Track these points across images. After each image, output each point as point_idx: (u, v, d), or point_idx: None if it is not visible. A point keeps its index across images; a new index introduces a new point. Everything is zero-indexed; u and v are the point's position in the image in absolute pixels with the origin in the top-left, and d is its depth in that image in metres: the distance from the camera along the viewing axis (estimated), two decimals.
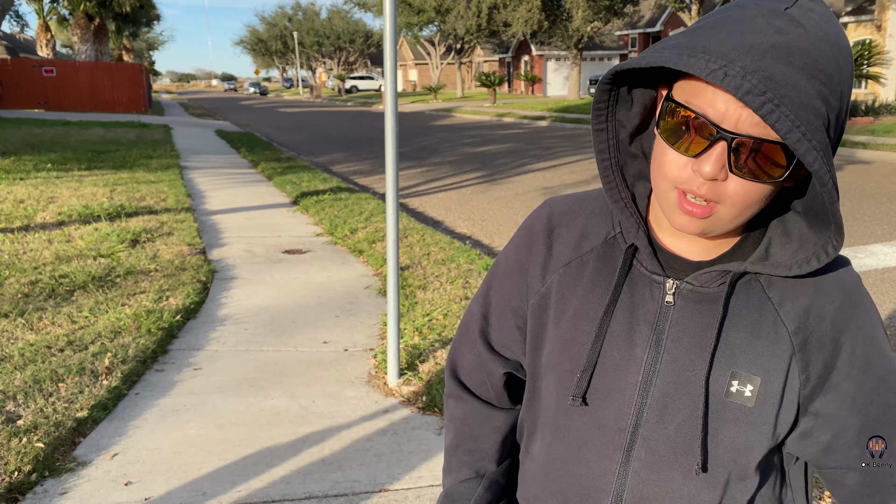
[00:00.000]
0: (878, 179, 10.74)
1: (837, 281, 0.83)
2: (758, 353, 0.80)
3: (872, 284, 5.50)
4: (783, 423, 0.83)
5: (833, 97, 0.69)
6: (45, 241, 6.25)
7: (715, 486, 0.83)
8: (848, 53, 0.71)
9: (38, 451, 2.80)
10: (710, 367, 0.79)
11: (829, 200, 0.71)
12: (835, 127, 0.70)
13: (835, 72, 0.69)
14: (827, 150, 0.68)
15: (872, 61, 17.87)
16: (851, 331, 0.83)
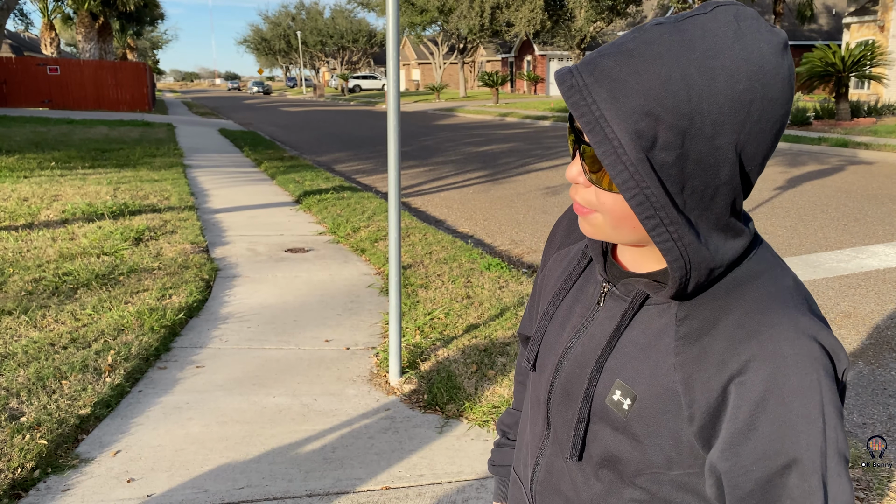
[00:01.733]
0: (880, 180, 10.73)
1: (754, 333, 0.73)
2: (641, 372, 0.79)
3: (874, 285, 5.50)
4: (668, 450, 0.79)
5: (665, 112, 0.65)
6: (49, 238, 6.27)
7: (599, 481, 0.86)
8: (727, 74, 0.65)
9: (42, 448, 2.82)
10: (599, 371, 0.82)
11: (641, 219, 0.69)
12: (672, 143, 0.66)
13: (682, 87, 0.64)
14: (640, 165, 0.66)
15: (875, 62, 17.83)
16: (751, 393, 0.71)
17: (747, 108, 0.66)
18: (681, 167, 0.67)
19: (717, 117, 0.65)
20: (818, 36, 36.43)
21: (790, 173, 11.56)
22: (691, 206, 0.70)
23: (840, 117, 18.08)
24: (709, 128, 0.65)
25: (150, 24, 42.74)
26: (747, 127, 0.66)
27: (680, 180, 0.68)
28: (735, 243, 0.75)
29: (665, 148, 0.66)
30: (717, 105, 0.65)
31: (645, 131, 0.65)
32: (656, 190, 0.67)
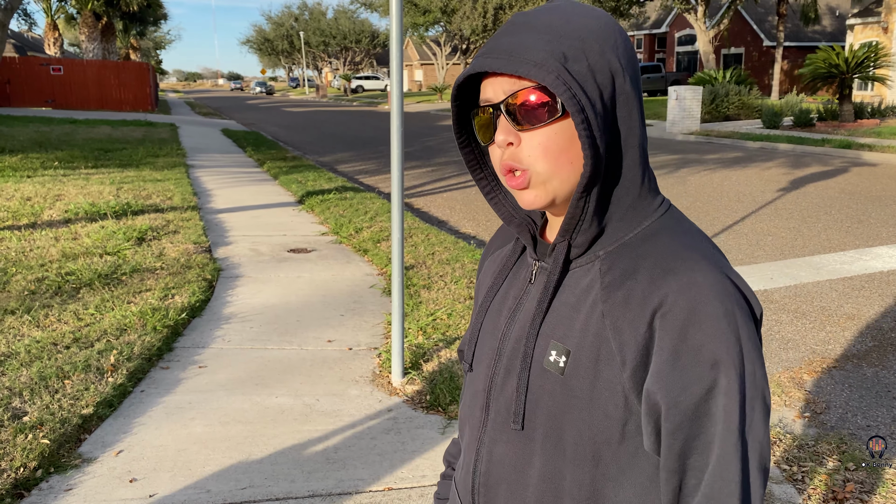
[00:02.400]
0: (883, 181, 10.71)
1: (660, 272, 0.80)
2: (573, 327, 0.84)
3: (878, 287, 5.49)
4: (605, 403, 0.82)
5: (562, 38, 0.80)
6: (52, 238, 6.28)
7: (541, 458, 0.87)
8: (587, 16, 0.82)
9: (44, 448, 2.82)
10: (534, 335, 0.87)
11: (573, 113, 0.77)
12: (577, 55, 0.79)
13: (563, 23, 0.81)
14: (561, 72, 0.78)
15: (879, 64, 17.80)
16: (669, 345, 0.77)
17: (611, 34, 0.82)
18: (592, 75, 0.79)
19: (597, 37, 0.80)
20: (822, 37, 36.37)
21: (793, 175, 11.54)
22: (606, 130, 0.80)
23: (843, 119, 18.04)
24: (596, 45, 0.80)
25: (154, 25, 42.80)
26: (619, 48, 0.81)
27: (596, 88, 0.79)
28: (651, 198, 0.86)
29: (576, 60, 0.79)
30: (594, 31, 0.81)
31: (554, 50, 0.79)
32: (577, 90, 0.78)
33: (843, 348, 4.34)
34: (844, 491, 2.78)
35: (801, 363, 4.14)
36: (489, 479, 0.93)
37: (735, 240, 7.13)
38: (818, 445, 3.14)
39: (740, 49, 38.07)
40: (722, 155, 14.52)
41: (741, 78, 22.92)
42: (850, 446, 3.11)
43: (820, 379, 3.92)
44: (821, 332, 4.62)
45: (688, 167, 12.66)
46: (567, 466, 0.85)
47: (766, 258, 6.42)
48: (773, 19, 35.08)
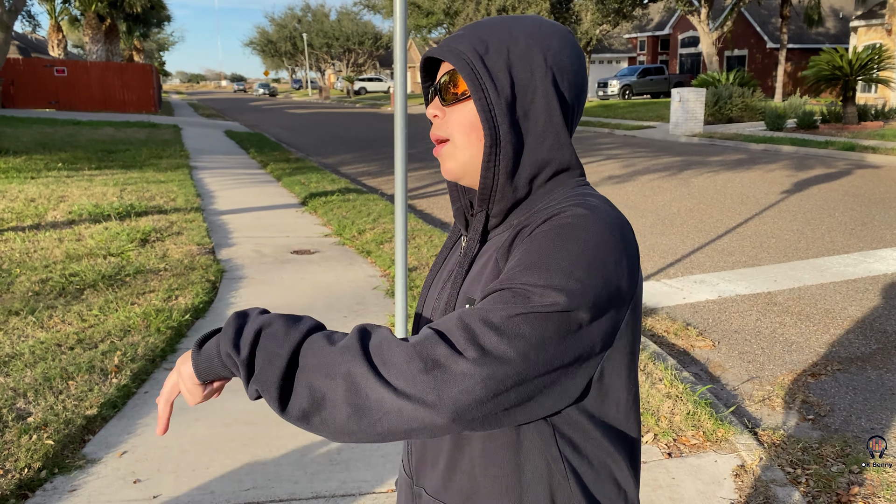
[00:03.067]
0: (887, 184, 10.69)
1: (551, 210, 0.88)
2: (480, 282, 0.92)
3: (882, 290, 5.47)
4: None
5: (492, 37, 0.92)
6: (56, 239, 6.29)
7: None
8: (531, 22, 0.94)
9: (48, 449, 2.82)
10: (455, 297, 0.95)
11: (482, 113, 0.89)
12: (498, 51, 0.91)
13: (502, 27, 0.93)
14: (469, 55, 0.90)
15: (882, 65, 17.77)
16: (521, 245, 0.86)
17: (550, 39, 0.92)
18: (508, 67, 0.90)
19: (529, 38, 0.91)
20: (825, 39, 36.32)
21: (797, 177, 11.52)
22: (519, 113, 0.90)
23: (847, 121, 18.02)
24: (523, 44, 0.91)
25: (157, 26, 42.85)
26: (552, 51, 0.92)
27: (508, 77, 0.90)
28: (566, 178, 0.94)
29: (496, 52, 0.91)
30: (530, 34, 0.92)
31: (479, 45, 0.92)
32: (483, 75, 0.90)
33: (847, 351, 4.34)
34: (849, 494, 2.77)
35: (804, 365, 4.13)
36: (420, 450, 1.01)
37: (738, 242, 7.12)
38: (822, 448, 3.13)
39: (744, 51, 38.03)
40: (725, 157, 14.50)
41: (744, 80, 22.90)
42: (854, 449, 3.11)
43: (824, 381, 3.91)
44: (825, 334, 4.61)
45: (691, 169, 12.65)
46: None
47: (769, 260, 6.41)
48: (777, 21, 35.04)
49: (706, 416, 3.23)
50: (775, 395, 3.74)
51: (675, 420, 3.23)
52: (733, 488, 2.76)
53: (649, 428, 3.17)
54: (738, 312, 5.04)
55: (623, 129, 21.48)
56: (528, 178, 0.93)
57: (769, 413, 3.56)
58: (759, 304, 5.22)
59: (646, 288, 5.63)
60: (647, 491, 2.71)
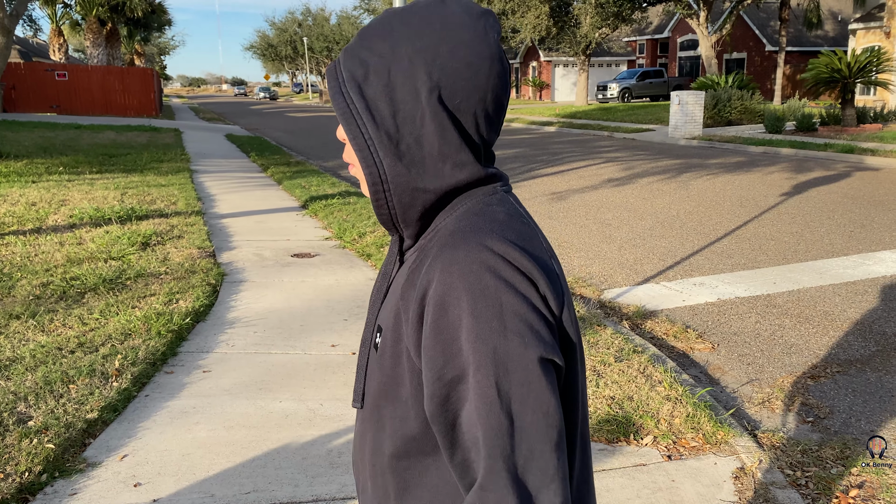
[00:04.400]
0: (886, 186, 10.70)
1: (435, 253, 0.82)
2: (388, 309, 0.89)
3: (881, 292, 5.48)
4: (401, 380, 0.85)
5: (362, 71, 0.83)
6: (57, 243, 6.30)
7: (371, 427, 0.92)
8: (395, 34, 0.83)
9: (49, 452, 2.83)
10: (374, 322, 0.92)
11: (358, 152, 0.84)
12: (375, 93, 0.82)
13: (380, 30, 0.84)
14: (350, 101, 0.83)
15: (881, 68, 17.79)
16: (430, 308, 0.79)
17: (429, 36, 0.81)
18: (388, 94, 0.82)
19: (413, 51, 0.81)
20: (824, 42, 36.36)
21: (796, 179, 11.53)
22: (407, 141, 0.82)
23: (846, 123, 18.03)
24: (405, 59, 0.81)
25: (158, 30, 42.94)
26: (429, 51, 0.81)
27: (389, 105, 0.81)
28: (475, 189, 0.86)
29: (376, 75, 0.82)
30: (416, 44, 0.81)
31: (359, 69, 0.83)
32: (360, 113, 0.83)
33: (847, 353, 4.34)
34: (849, 496, 2.78)
35: (804, 368, 4.14)
36: (354, 457, 1.00)
37: (738, 244, 7.13)
38: (822, 450, 3.14)
39: (742, 54, 38.07)
40: (724, 159, 14.51)
41: (743, 83, 22.92)
42: (853, 451, 3.11)
43: (823, 384, 3.92)
44: (824, 336, 4.62)
45: (690, 172, 12.66)
46: (386, 441, 0.89)
47: (768, 263, 6.42)
48: (776, 24, 35.09)
49: (706, 418, 3.24)
50: (775, 398, 3.75)
51: (674, 422, 3.24)
52: (733, 491, 2.76)
53: (649, 430, 3.18)
54: (738, 315, 5.05)
55: (622, 132, 21.51)
56: (431, 204, 0.85)
57: (769, 415, 3.56)
58: (759, 306, 5.22)
59: (645, 290, 5.64)
60: (647, 494, 2.72)
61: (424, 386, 0.80)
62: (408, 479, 0.88)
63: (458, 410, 0.77)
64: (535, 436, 0.74)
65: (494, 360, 0.74)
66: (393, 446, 0.88)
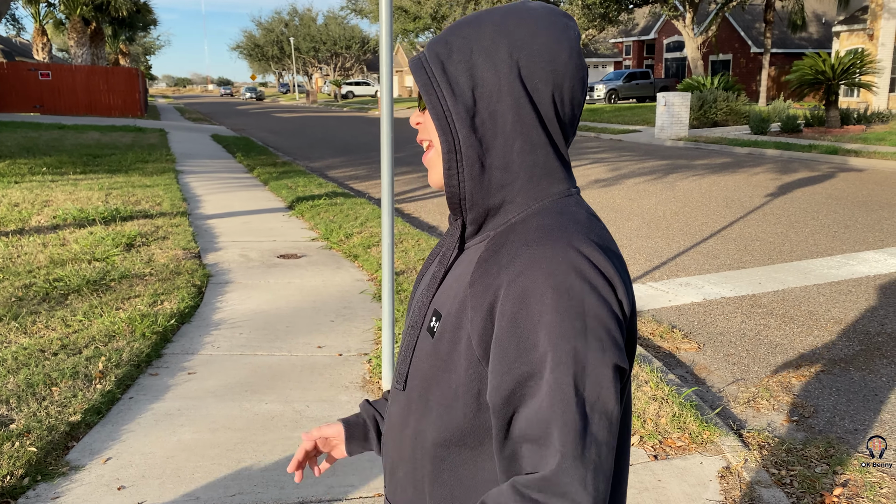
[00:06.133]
0: (870, 187, 10.80)
1: (523, 237, 0.85)
2: (449, 294, 0.90)
3: (864, 292, 5.53)
4: (458, 368, 0.87)
5: (446, 50, 0.89)
6: (40, 244, 6.24)
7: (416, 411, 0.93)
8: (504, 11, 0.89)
9: (31, 456, 2.80)
10: (427, 305, 0.94)
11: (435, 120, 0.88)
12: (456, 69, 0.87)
13: (471, 21, 0.89)
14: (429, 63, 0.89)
15: (864, 70, 17.97)
16: (508, 284, 0.81)
17: (519, 29, 0.86)
18: (469, 71, 0.86)
19: (499, 36, 0.86)
20: (808, 44, 36.68)
21: (781, 180, 11.62)
22: (482, 116, 0.86)
23: (830, 125, 18.20)
24: (488, 41, 0.86)
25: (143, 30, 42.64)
26: (518, 45, 0.85)
27: (469, 80, 0.86)
28: (547, 185, 0.88)
29: (459, 53, 0.87)
30: (493, 25, 0.87)
31: (443, 50, 0.89)
32: (441, 82, 0.87)
33: (831, 352, 4.38)
34: (833, 494, 2.80)
35: (789, 367, 4.16)
36: (386, 438, 1.01)
37: (723, 245, 7.17)
38: (807, 449, 3.16)
39: (728, 55, 38.33)
40: (710, 160, 14.60)
41: (729, 84, 23.08)
42: (838, 450, 3.14)
43: (808, 383, 3.95)
44: (808, 336, 4.65)
45: (676, 172, 12.73)
46: (430, 427, 0.90)
47: (754, 263, 6.46)
48: (761, 26, 35.36)
49: (692, 418, 3.25)
50: (760, 397, 3.77)
51: (660, 422, 3.25)
52: (719, 490, 2.77)
53: (635, 430, 3.19)
54: (724, 315, 5.08)
55: (609, 133, 21.59)
56: (499, 184, 0.87)
57: (754, 415, 3.58)
58: (744, 306, 5.26)
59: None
60: (633, 493, 2.73)
61: (490, 377, 0.81)
62: (442, 469, 0.90)
63: (520, 405, 0.79)
64: (601, 439, 0.77)
65: (574, 359, 0.77)
66: (436, 433, 0.90)
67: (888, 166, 13.04)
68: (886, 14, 24.80)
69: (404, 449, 0.95)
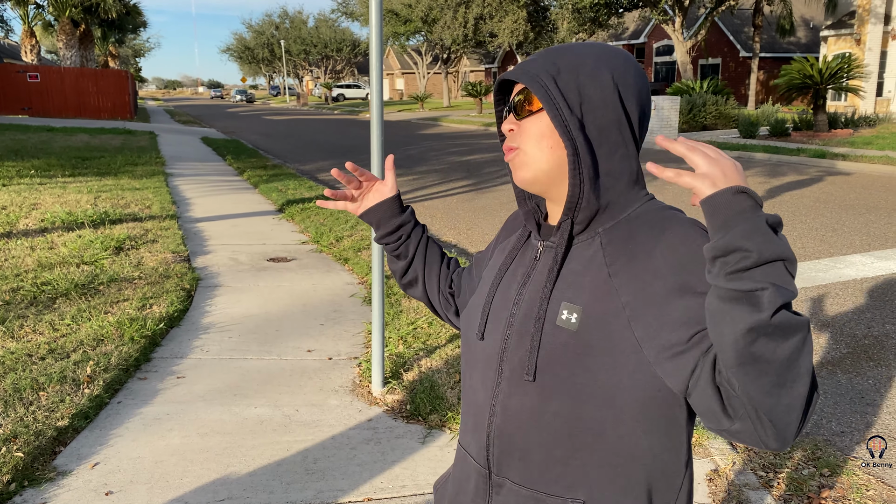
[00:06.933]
0: (857, 191, 10.89)
1: (655, 216, 1.01)
2: (582, 288, 1.00)
3: (851, 295, 5.57)
4: (617, 350, 0.96)
5: (564, 61, 1.01)
6: (28, 247, 6.20)
7: (556, 394, 1.01)
8: (600, 47, 1.03)
9: (18, 461, 2.78)
10: (547, 299, 1.02)
11: (546, 105, 0.98)
12: (569, 76, 1.00)
13: (574, 53, 1.02)
14: (549, 82, 0.99)
15: (852, 74, 18.12)
16: (661, 250, 0.96)
17: (616, 59, 1.02)
18: (577, 86, 0.99)
19: (595, 62, 1.01)
20: (797, 49, 36.95)
21: (770, 183, 11.69)
22: (590, 127, 0.99)
23: (818, 129, 18.33)
24: (591, 66, 1.00)
25: (133, 32, 42.47)
26: (618, 70, 1.00)
27: (578, 95, 0.99)
28: (639, 189, 1.04)
29: (568, 72, 1.00)
30: (596, 56, 1.01)
31: (551, 69, 1.01)
32: (555, 92, 0.99)
33: (818, 355, 4.41)
34: (819, 497, 2.82)
35: None
36: (504, 431, 1.06)
37: None
38: (793, 452, 3.18)
39: (717, 60, 38.55)
40: None
41: (718, 88, 23.21)
42: (825, 452, 3.16)
43: None
44: None
45: None
46: (584, 408, 0.99)
47: None
48: (750, 30, 35.58)
49: None
50: None
51: None
52: (707, 493, 2.79)
53: None
54: None
55: None
56: (606, 188, 1.01)
57: None
58: None
59: None
60: None
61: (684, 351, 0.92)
62: (596, 443, 1.00)
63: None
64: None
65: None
66: (595, 411, 0.99)
67: (875, 170, 13.15)
68: (873, 19, 25.03)
69: (545, 434, 1.03)
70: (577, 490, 1.02)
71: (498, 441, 1.07)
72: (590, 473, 1.02)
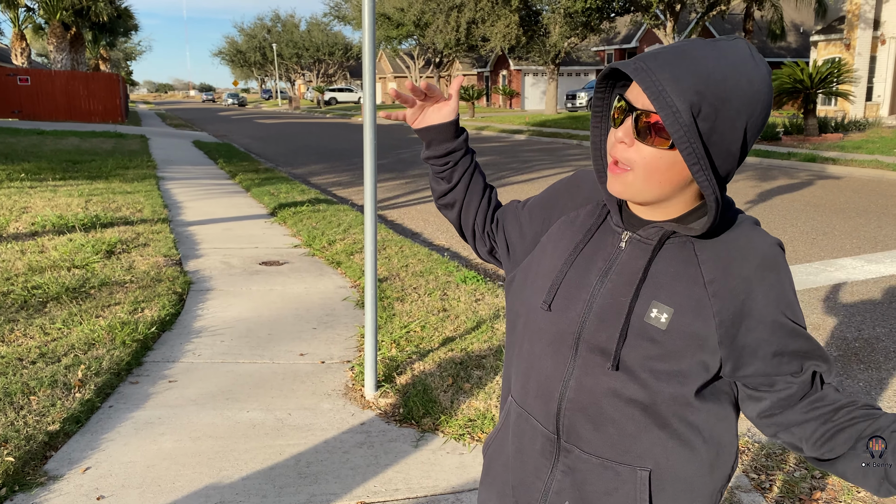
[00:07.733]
0: (847, 194, 10.96)
1: (756, 248, 1.05)
2: (675, 292, 1.05)
3: (842, 298, 5.61)
4: (700, 351, 1.05)
5: (708, 93, 0.94)
6: (18, 251, 6.16)
7: (635, 382, 1.07)
8: (746, 79, 0.97)
9: (8, 465, 2.76)
10: (636, 295, 1.06)
11: (688, 161, 0.96)
12: (709, 115, 0.95)
13: (720, 80, 0.95)
14: (690, 126, 0.95)
15: (842, 79, 18.25)
16: (764, 288, 1.04)
17: (755, 105, 0.97)
18: (710, 134, 0.96)
19: (738, 105, 0.96)
20: (787, 53, 37.19)
21: (761, 187, 11.76)
22: (717, 164, 0.99)
23: (808, 133, 18.45)
24: (733, 111, 0.96)
25: (124, 35, 42.34)
26: (753, 117, 0.98)
27: (710, 143, 0.97)
28: (727, 205, 1.09)
29: (705, 119, 0.95)
30: (740, 97, 0.96)
31: (695, 104, 0.94)
32: (698, 145, 0.96)
33: None
34: (811, 499, 2.83)
35: None
36: (577, 404, 1.11)
37: None
38: (785, 454, 3.19)
39: None
40: None
41: None
42: None
43: None
44: None
45: None
46: (659, 396, 1.06)
47: None
48: (740, 35, 35.76)
49: None
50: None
51: None
52: None
53: None
54: None
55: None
56: (721, 188, 1.05)
57: None
58: None
59: None
60: None
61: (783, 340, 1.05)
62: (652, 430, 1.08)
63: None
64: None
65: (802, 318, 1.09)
66: (662, 401, 1.06)
67: (865, 174, 13.24)
68: (862, 24, 25.23)
69: (619, 412, 1.09)
70: (646, 460, 1.09)
71: (569, 413, 1.12)
72: (658, 445, 1.09)
